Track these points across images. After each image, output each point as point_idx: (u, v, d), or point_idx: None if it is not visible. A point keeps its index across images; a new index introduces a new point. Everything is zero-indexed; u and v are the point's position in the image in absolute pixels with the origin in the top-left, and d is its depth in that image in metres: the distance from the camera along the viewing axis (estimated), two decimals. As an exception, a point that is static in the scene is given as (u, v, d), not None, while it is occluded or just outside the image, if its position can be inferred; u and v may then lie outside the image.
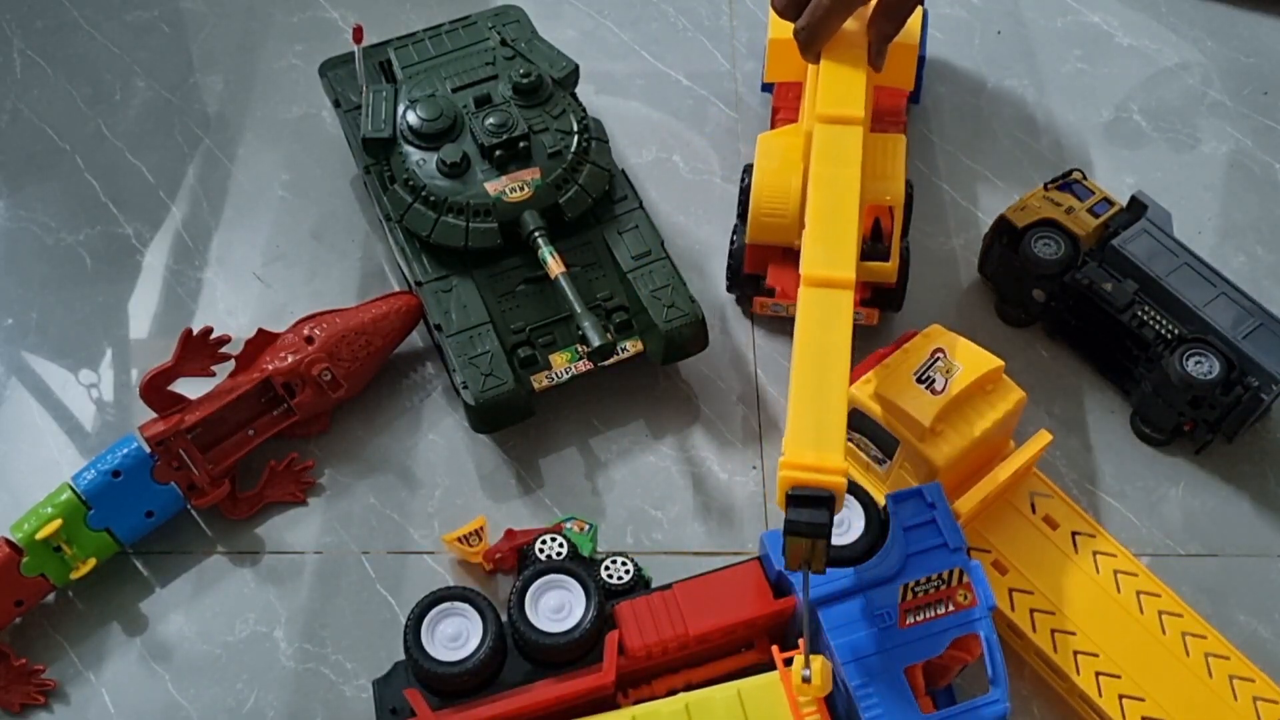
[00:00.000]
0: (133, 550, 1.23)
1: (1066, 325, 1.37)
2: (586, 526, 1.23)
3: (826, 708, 1.01)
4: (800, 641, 0.99)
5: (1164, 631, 1.14)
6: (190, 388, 1.23)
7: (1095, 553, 1.19)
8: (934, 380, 1.13)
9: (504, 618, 1.06)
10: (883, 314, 1.35)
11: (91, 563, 1.18)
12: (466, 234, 1.28)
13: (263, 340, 1.27)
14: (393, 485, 1.29)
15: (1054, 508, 1.21)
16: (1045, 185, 1.38)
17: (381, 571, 1.24)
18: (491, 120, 1.31)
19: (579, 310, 1.23)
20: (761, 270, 1.36)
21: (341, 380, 1.26)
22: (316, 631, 1.20)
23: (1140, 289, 1.30)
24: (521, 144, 1.31)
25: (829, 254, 1.08)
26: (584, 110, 1.38)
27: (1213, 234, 1.49)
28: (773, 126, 1.47)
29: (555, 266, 1.26)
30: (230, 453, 1.25)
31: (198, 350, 1.22)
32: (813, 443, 0.96)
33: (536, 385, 1.26)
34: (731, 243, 1.37)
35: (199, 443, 1.22)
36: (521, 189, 1.29)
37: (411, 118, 1.33)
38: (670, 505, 1.27)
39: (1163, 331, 1.28)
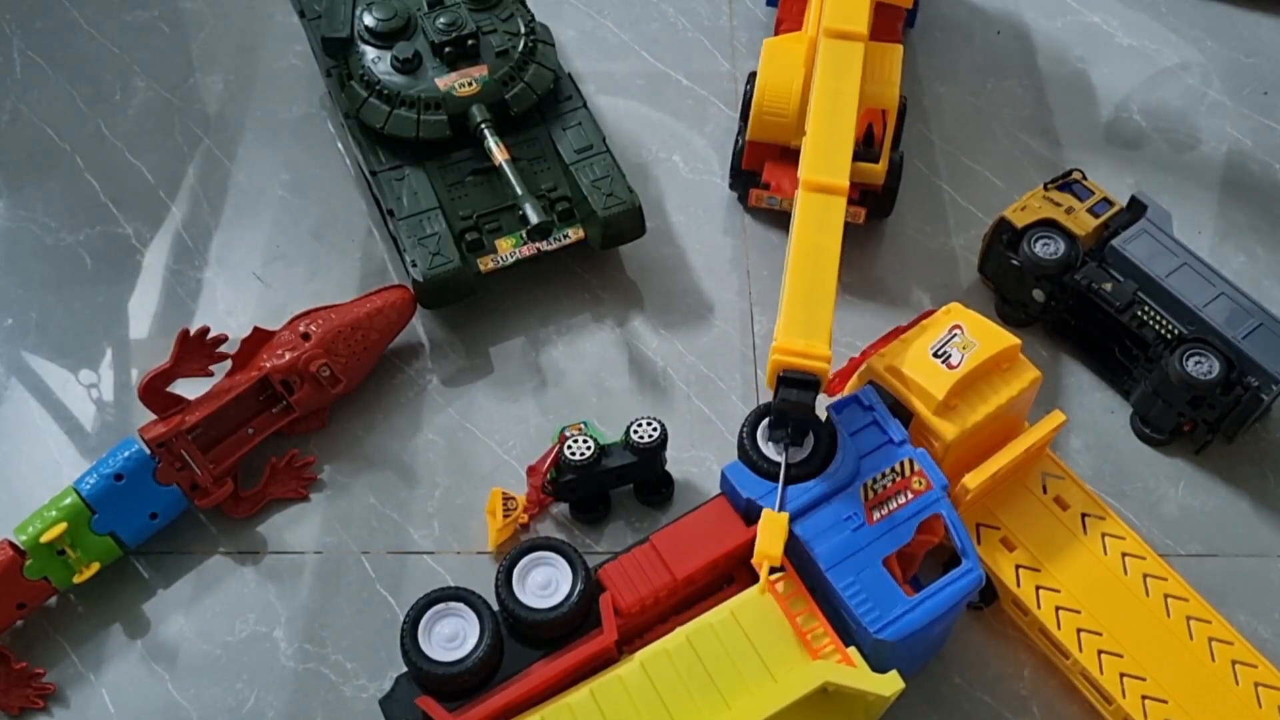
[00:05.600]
0: (134, 551, 1.23)
1: (1066, 325, 1.37)
2: (582, 426, 1.29)
3: (820, 611, 1.06)
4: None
5: (1169, 615, 1.16)
6: (189, 388, 1.23)
7: (1104, 535, 1.20)
8: (950, 355, 1.15)
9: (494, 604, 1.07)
10: (871, 217, 1.43)
11: (95, 567, 1.18)
12: (418, 126, 1.37)
13: (259, 338, 1.27)
14: (392, 485, 1.29)
15: (1065, 489, 1.22)
16: (1045, 185, 1.38)
17: (381, 571, 1.24)
18: (442, 20, 1.40)
19: (520, 192, 1.32)
20: (758, 167, 1.45)
21: (339, 375, 1.27)
22: (316, 631, 1.20)
23: (1140, 289, 1.30)
24: (470, 42, 1.40)
25: (827, 161, 1.21)
26: (531, 14, 1.47)
27: (1213, 234, 1.49)
28: (776, 35, 1.54)
29: (500, 154, 1.35)
30: (231, 452, 1.25)
31: (195, 350, 1.22)
32: (803, 332, 1.09)
33: (483, 267, 1.35)
34: (736, 144, 1.45)
35: (199, 443, 1.22)
36: (470, 84, 1.38)
37: (368, 18, 1.41)
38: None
39: (1163, 331, 1.28)
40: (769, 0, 1.66)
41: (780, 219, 1.47)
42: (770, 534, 1.04)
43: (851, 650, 1.03)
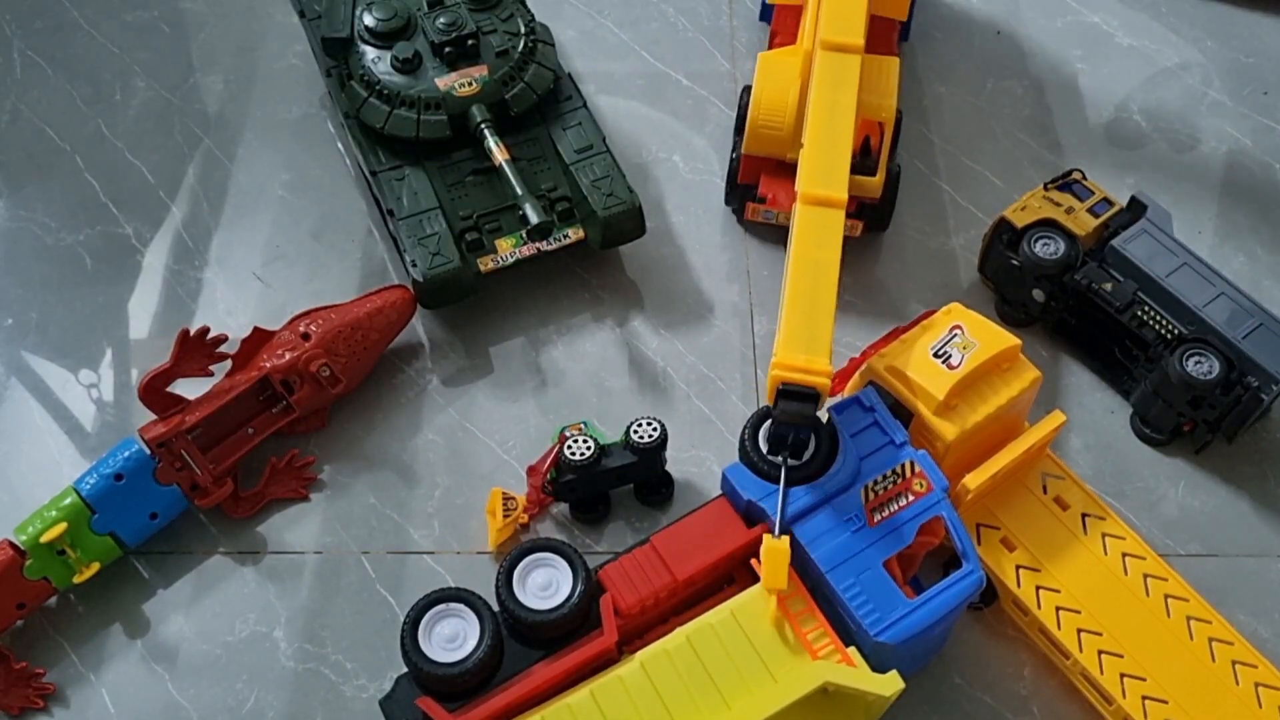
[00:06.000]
0: (134, 551, 1.23)
1: (1066, 325, 1.37)
2: (582, 426, 1.29)
3: (820, 611, 1.06)
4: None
5: (1169, 615, 1.16)
6: (189, 388, 1.23)
7: (1105, 535, 1.20)
8: (950, 356, 1.14)
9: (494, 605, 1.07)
10: (869, 230, 1.43)
11: (95, 566, 1.18)
12: (418, 126, 1.37)
13: (259, 338, 1.27)
14: (392, 484, 1.29)
15: (1065, 489, 1.22)
16: (1045, 185, 1.38)
17: (381, 571, 1.24)
18: (442, 20, 1.40)
19: (520, 192, 1.31)
20: (754, 180, 1.44)
21: (339, 375, 1.27)
22: (316, 631, 1.20)
23: (1140, 289, 1.30)
24: (470, 42, 1.40)
25: (825, 175, 1.19)
26: (531, 14, 1.46)
27: (1213, 234, 1.49)
28: (770, 49, 1.53)
29: (500, 154, 1.35)
30: (231, 452, 1.25)
31: (195, 350, 1.22)
32: (803, 347, 1.07)
33: (483, 267, 1.35)
34: (731, 158, 1.44)
35: (199, 443, 1.22)
36: (470, 84, 1.38)
37: (368, 18, 1.41)
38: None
39: (1163, 331, 1.28)
40: (762, 15, 1.65)
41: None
42: (774, 565, 1.04)
43: (851, 650, 1.03)
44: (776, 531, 1.05)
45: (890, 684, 1.01)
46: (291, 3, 1.53)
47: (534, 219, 1.29)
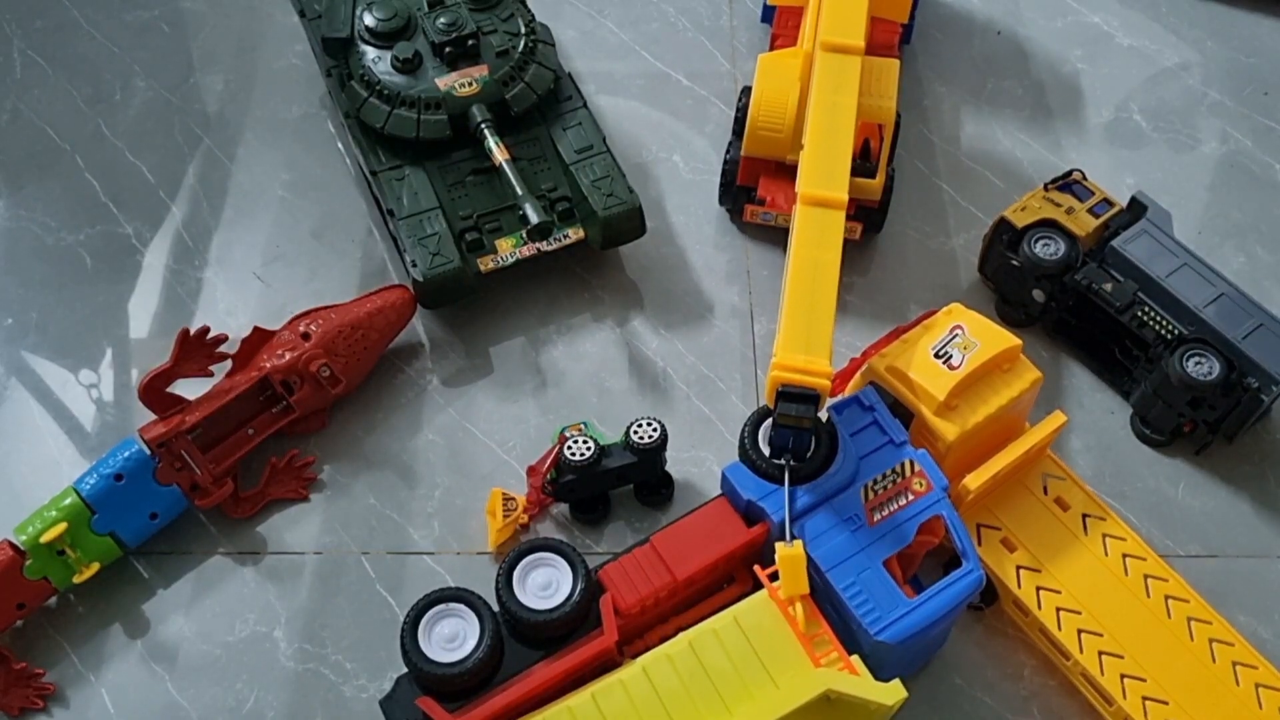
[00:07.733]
0: (134, 551, 1.23)
1: (1066, 325, 1.37)
2: (582, 426, 1.29)
3: (820, 613, 1.05)
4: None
5: (1169, 616, 1.16)
6: (189, 388, 1.23)
7: (1105, 535, 1.20)
8: (951, 356, 1.15)
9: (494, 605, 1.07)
10: (865, 232, 1.43)
11: (95, 567, 1.18)
12: (418, 126, 1.37)
13: (259, 338, 1.27)
14: (392, 485, 1.29)
15: (1066, 490, 1.22)
16: (1045, 185, 1.38)
17: (381, 571, 1.24)
18: (442, 20, 1.40)
19: (520, 192, 1.31)
20: (753, 183, 1.44)
21: (339, 375, 1.27)
22: (316, 632, 1.20)
23: (1140, 289, 1.30)
24: (470, 42, 1.40)
25: (825, 175, 1.18)
26: (531, 14, 1.46)
27: (1213, 234, 1.49)
28: (771, 51, 1.53)
29: (500, 154, 1.35)
30: (231, 452, 1.25)
31: (195, 350, 1.22)
32: (803, 348, 1.07)
33: (483, 267, 1.35)
34: (726, 159, 1.44)
35: (199, 443, 1.22)
36: (470, 84, 1.38)
37: (368, 18, 1.41)
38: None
39: (1163, 332, 1.28)
40: (764, 16, 1.66)
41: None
42: (792, 571, 1.04)
43: (854, 658, 1.03)
44: (788, 538, 1.05)
45: (893, 693, 1.00)
46: (291, 3, 1.53)
47: (534, 219, 1.29)
